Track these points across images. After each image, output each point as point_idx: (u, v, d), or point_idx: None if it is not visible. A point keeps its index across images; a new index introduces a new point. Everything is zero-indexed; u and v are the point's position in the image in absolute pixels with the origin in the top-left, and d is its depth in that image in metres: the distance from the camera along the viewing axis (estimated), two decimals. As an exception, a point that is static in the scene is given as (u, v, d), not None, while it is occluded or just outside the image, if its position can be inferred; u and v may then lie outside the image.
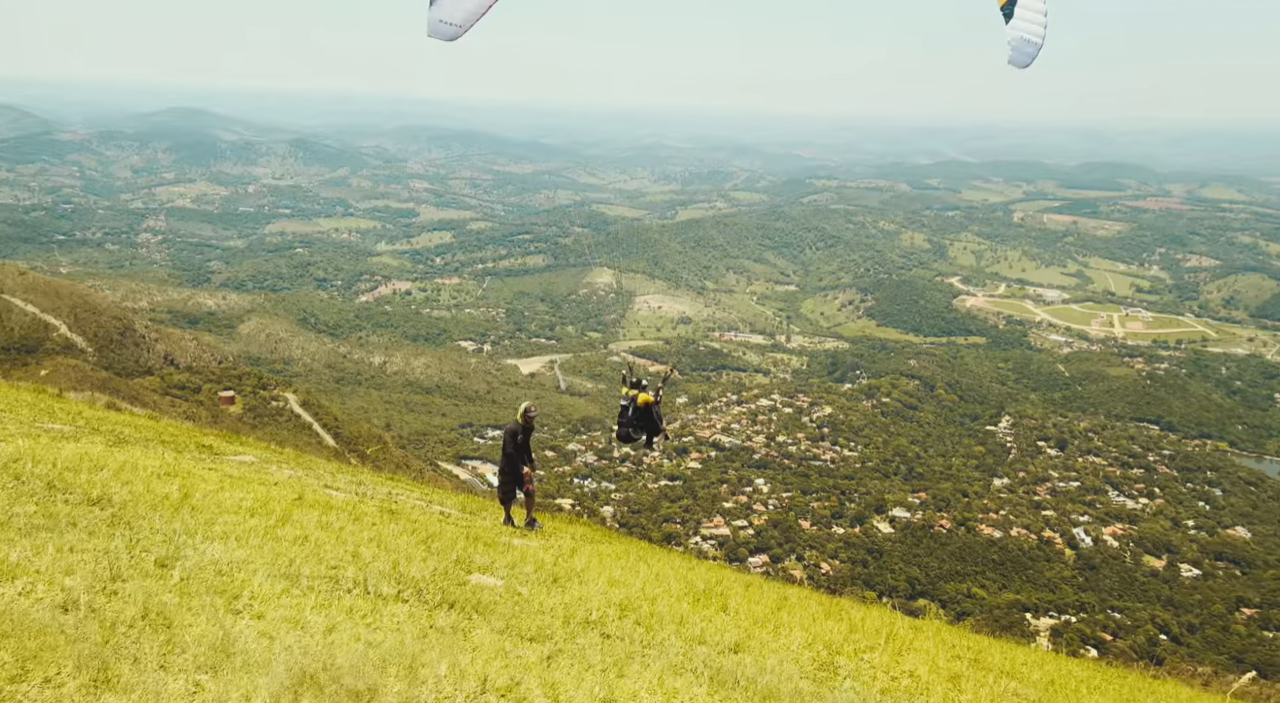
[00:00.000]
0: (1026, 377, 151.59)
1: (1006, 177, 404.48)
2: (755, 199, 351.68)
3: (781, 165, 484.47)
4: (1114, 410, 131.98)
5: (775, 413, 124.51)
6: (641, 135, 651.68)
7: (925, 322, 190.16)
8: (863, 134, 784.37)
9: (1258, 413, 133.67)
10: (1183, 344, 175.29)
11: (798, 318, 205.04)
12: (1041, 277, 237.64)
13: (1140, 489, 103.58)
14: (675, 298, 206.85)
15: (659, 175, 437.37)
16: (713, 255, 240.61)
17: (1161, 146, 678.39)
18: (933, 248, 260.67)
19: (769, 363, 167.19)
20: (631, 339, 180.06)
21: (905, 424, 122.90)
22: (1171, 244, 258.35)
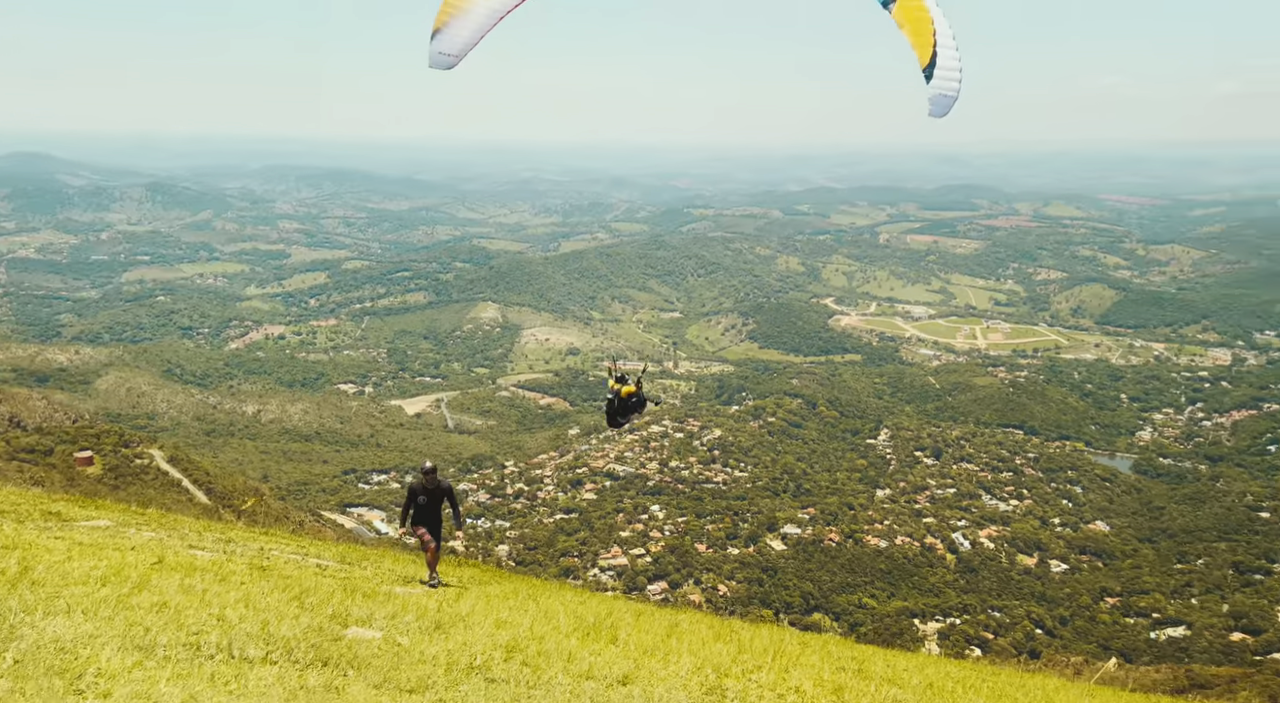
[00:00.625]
0: (901, 390, 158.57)
1: (871, 200, 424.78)
2: (636, 229, 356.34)
3: (659, 196, 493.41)
4: (982, 418, 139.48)
5: (667, 439, 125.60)
6: (519, 169, 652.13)
7: (804, 342, 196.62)
8: (736, 164, 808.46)
9: (1107, 414, 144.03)
10: (1039, 352, 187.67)
11: (684, 344, 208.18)
12: (909, 294, 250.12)
13: (1010, 492, 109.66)
14: (562, 329, 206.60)
15: (539, 208, 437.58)
16: (597, 286, 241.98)
17: (1010, 168, 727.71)
18: (807, 271, 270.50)
19: (657, 391, 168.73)
20: (520, 373, 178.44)
21: (791, 442, 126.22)
22: (1023, 259, 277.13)
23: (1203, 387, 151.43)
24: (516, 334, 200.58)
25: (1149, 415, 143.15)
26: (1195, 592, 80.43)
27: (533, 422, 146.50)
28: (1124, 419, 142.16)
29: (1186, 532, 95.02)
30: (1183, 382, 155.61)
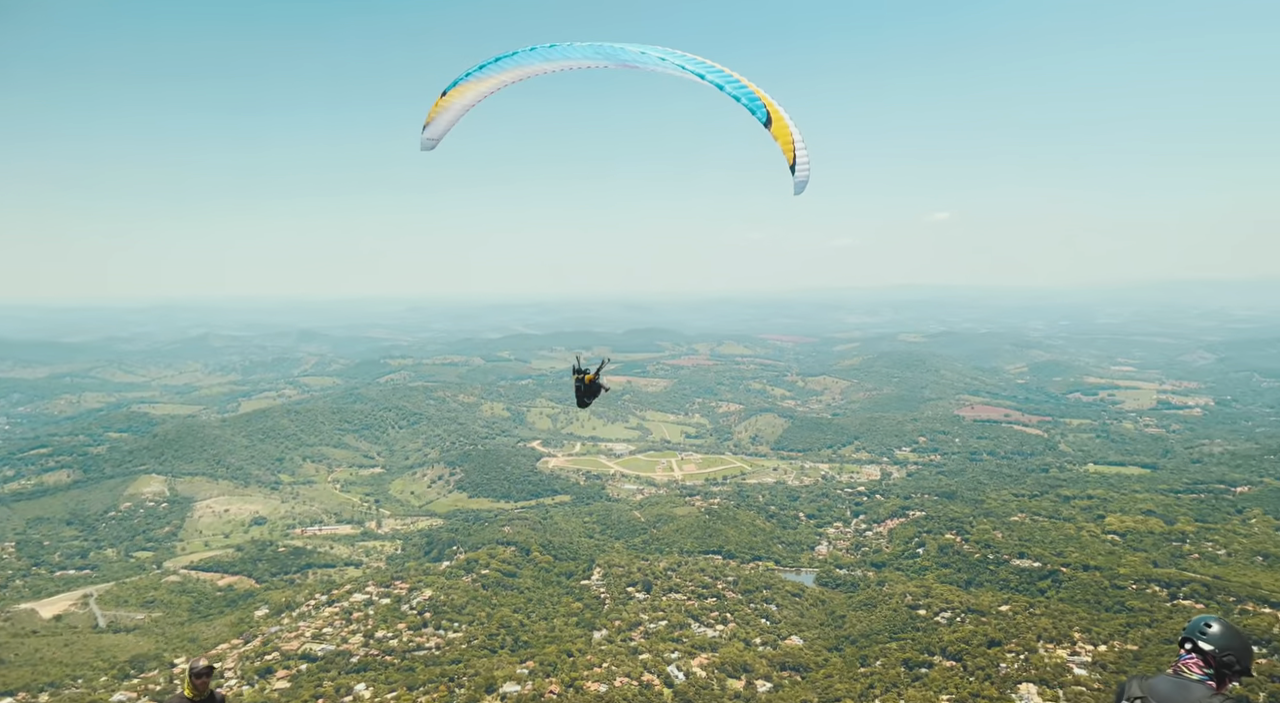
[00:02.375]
0: (610, 527, 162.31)
1: (568, 345, 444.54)
2: (329, 383, 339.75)
3: (353, 348, 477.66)
4: (685, 547, 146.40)
5: (372, 606, 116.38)
6: (188, 326, 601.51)
7: (514, 487, 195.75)
8: (432, 313, 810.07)
9: (790, 532, 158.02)
10: (728, 479, 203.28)
11: (387, 500, 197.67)
12: (610, 432, 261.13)
13: (715, 617, 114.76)
14: (245, 497, 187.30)
15: (215, 367, 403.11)
16: (285, 446, 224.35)
17: (686, 313, 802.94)
18: (512, 415, 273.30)
19: (360, 553, 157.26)
20: (194, 552, 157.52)
21: (507, 593, 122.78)
22: (706, 394, 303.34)
23: (862, 500, 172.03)
24: (188, 508, 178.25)
25: (824, 530, 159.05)
26: (877, 692, 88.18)
27: (209, 607, 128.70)
28: (804, 536, 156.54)
29: (864, 636, 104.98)
30: (846, 497, 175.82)
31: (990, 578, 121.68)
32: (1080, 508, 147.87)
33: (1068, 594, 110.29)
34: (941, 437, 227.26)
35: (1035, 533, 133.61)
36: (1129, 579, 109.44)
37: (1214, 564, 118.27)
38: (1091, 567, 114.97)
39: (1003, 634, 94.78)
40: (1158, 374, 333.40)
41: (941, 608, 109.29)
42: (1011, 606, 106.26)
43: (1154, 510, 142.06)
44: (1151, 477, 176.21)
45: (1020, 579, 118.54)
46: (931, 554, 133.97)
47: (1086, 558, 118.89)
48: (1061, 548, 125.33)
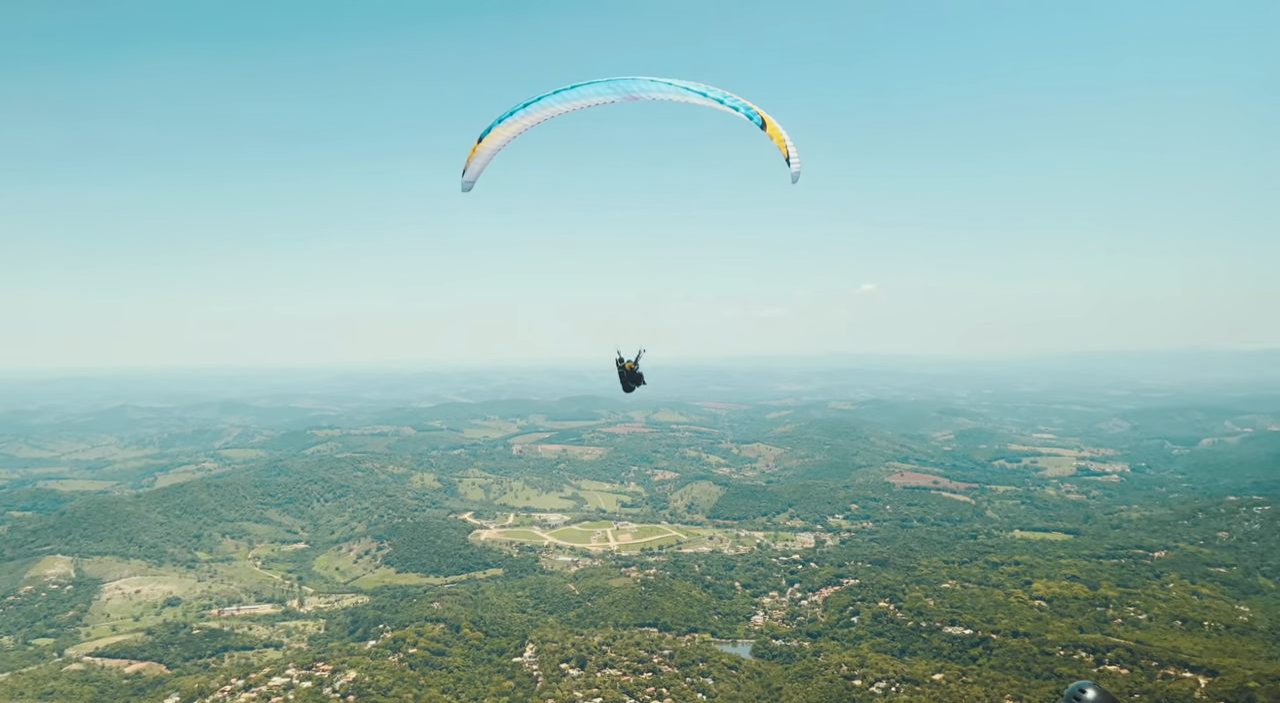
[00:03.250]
0: (543, 601, 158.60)
1: (502, 414, 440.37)
2: (252, 455, 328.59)
3: (278, 419, 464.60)
4: (620, 620, 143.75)
5: (292, 691, 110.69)
6: (102, 398, 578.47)
7: (445, 561, 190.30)
8: (361, 383, 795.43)
9: (726, 602, 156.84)
10: (663, 549, 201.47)
11: (311, 577, 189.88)
12: (544, 502, 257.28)
13: (651, 693, 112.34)
14: (158, 577, 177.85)
15: (130, 440, 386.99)
16: (204, 522, 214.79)
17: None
18: (443, 486, 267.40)
19: (281, 634, 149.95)
20: (100, 637, 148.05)
21: (435, 673, 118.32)
22: (641, 462, 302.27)
23: (797, 569, 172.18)
24: (95, 590, 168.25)
25: (760, 600, 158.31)
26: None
27: (114, 697, 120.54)
28: (740, 606, 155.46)
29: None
30: (781, 566, 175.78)
31: (923, 646, 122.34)
32: (1008, 574, 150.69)
33: (999, 661, 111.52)
34: (873, 504, 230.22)
35: (966, 600, 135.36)
36: (1057, 645, 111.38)
37: (1136, 629, 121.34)
38: (1021, 633, 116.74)
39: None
40: (1077, 441, 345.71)
41: (877, 678, 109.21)
42: (945, 674, 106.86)
43: (1078, 576, 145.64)
44: (1074, 542, 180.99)
45: (953, 647, 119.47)
46: (866, 623, 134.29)
47: (1016, 624, 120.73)
48: (992, 614, 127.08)
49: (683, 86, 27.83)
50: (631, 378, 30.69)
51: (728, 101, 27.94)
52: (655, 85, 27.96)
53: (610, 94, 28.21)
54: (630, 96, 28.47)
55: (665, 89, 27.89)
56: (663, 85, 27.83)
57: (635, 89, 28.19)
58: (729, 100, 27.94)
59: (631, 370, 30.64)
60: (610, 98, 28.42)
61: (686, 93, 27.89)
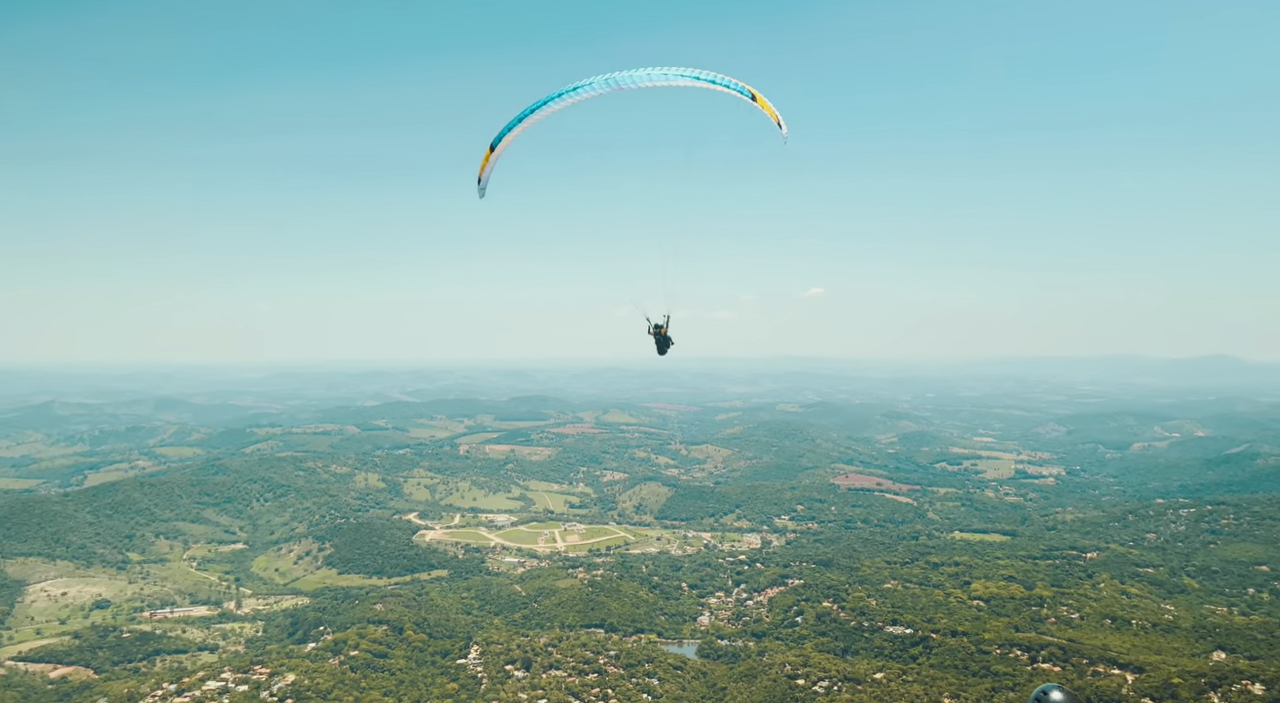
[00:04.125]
0: (489, 602, 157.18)
1: (449, 414, 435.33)
2: (189, 453, 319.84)
3: (217, 416, 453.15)
4: (567, 621, 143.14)
5: (227, 694, 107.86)
6: (28, 393, 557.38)
7: (388, 562, 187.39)
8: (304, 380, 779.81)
9: (673, 603, 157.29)
10: (611, 549, 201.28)
11: (249, 579, 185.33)
12: (491, 503, 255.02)
13: (597, 694, 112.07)
14: (87, 579, 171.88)
15: (59, 436, 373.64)
16: (136, 522, 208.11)
17: (571, 381, 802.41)
18: (388, 486, 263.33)
19: (216, 637, 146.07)
20: (23, 641, 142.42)
21: (377, 675, 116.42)
22: (591, 463, 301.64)
23: (743, 569, 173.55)
24: (19, 592, 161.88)
25: (706, 600, 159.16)
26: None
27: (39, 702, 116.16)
28: (687, 606, 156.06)
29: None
30: (728, 566, 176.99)
31: (866, 645, 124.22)
32: (948, 575, 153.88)
33: (938, 660, 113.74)
34: (818, 505, 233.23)
35: (907, 600, 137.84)
36: (994, 644, 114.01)
37: (1069, 628, 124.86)
38: (959, 633, 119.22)
39: (878, 702, 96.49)
40: (1015, 445, 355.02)
41: (820, 677, 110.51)
42: (886, 673, 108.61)
43: (1014, 576, 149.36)
44: (1012, 544, 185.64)
45: (894, 646, 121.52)
46: (810, 623, 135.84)
47: (955, 624, 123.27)
48: (932, 614, 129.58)
49: (674, 73, 29.47)
50: (664, 341, 33.16)
51: (719, 81, 29.77)
52: (644, 75, 29.54)
53: (603, 88, 29.83)
54: (619, 88, 29.92)
55: (654, 78, 29.53)
56: (652, 74, 29.48)
57: (624, 81, 29.68)
58: (720, 80, 29.79)
59: (665, 334, 33.07)
60: (603, 92, 30.04)
61: (677, 78, 29.58)
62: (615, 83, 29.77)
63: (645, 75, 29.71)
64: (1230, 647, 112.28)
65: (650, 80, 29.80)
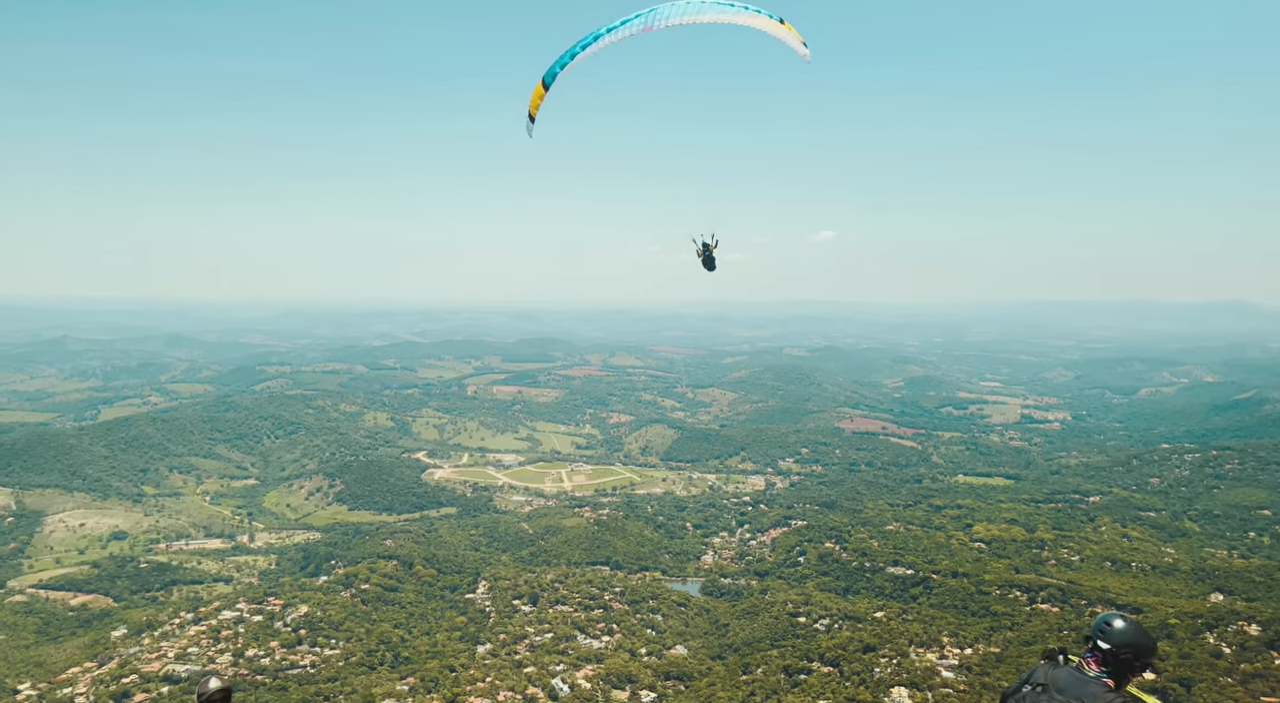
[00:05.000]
0: (497, 539, 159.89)
1: (457, 355, 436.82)
2: (200, 390, 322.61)
3: (226, 354, 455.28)
4: (573, 558, 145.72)
5: (243, 624, 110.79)
6: (41, 328, 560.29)
7: (397, 499, 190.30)
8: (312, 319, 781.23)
9: (678, 542, 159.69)
10: (617, 490, 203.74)
11: (261, 514, 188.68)
12: (499, 443, 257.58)
13: (602, 628, 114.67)
14: (104, 510, 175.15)
15: (72, 371, 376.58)
16: (150, 456, 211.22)
17: (578, 323, 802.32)
18: (397, 426, 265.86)
19: (231, 569, 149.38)
20: (44, 570, 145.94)
21: (387, 608, 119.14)
22: (597, 405, 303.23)
23: (746, 510, 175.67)
24: (38, 522, 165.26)
25: (710, 540, 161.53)
26: (758, 699, 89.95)
27: (60, 629, 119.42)
28: (691, 546, 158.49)
29: (747, 644, 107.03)
30: (732, 507, 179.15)
31: (867, 585, 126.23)
32: (950, 517, 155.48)
33: (938, 600, 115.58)
34: (823, 448, 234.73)
35: (909, 541, 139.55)
36: (994, 585, 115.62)
37: (1069, 570, 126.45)
38: (960, 574, 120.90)
39: (877, 640, 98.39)
40: (1022, 390, 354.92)
41: (821, 615, 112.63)
42: (886, 612, 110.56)
43: (1016, 519, 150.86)
44: (1015, 487, 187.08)
45: (895, 586, 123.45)
46: (812, 563, 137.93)
47: (956, 565, 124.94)
48: (933, 556, 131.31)
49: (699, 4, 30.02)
50: (710, 260, 35.77)
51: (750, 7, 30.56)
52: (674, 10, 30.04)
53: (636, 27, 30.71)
54: (648, 28, 30.61)
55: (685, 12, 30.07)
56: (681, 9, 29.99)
57: (653, 20, 30.33)
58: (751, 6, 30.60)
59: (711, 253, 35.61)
60: (634, 32, 30.94)
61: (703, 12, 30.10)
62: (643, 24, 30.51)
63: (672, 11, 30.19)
64: (1229, 589, 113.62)
65: (677, 17, 30.22)
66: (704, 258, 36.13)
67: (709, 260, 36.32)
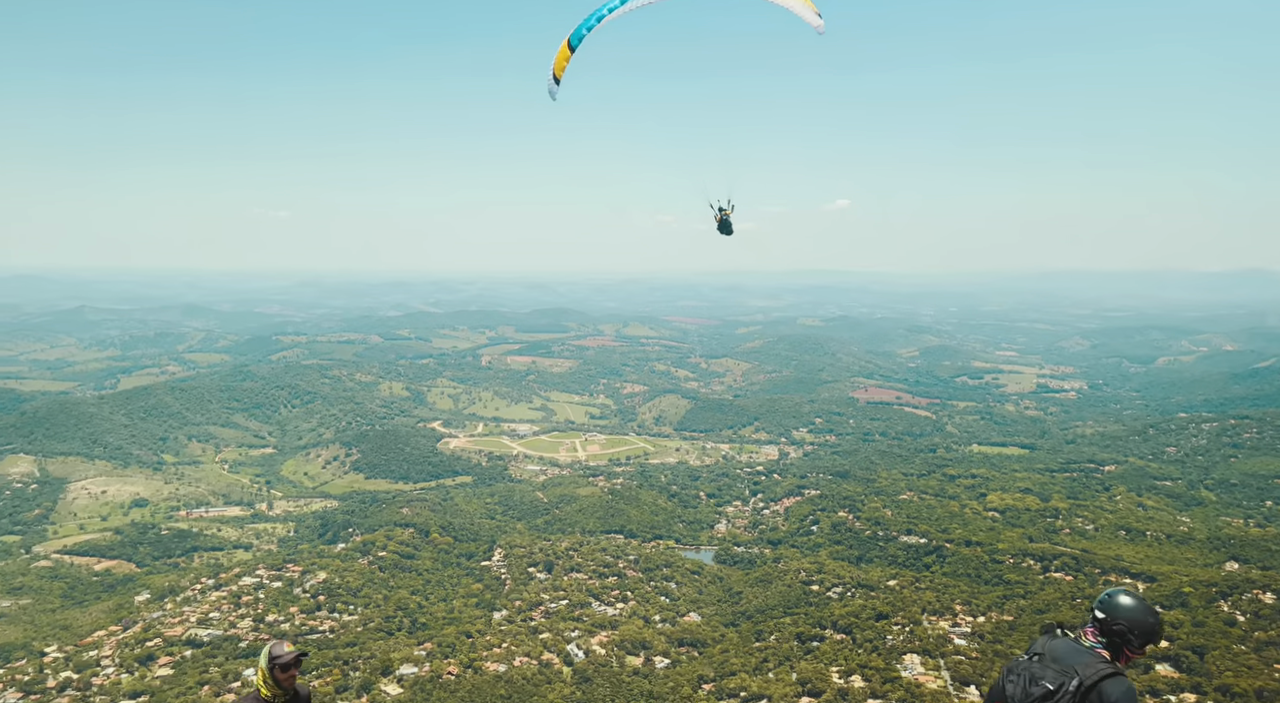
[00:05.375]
0: (512, 508, 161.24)
1: (471, 325, 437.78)
2: (216, 360, 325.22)
3: (242, 323, 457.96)
4: (587, 527, 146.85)
5: (263, 590, 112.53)
6: (59, 299, 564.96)
7: (414, 468, 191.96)
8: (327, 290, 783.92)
9: (691, 511, 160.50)
10: (631, 459, 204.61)
11: (279, 482, 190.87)
12: (513, 413, 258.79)
13: (616, 595, 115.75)
14: (125, 478, 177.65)
15: (91, 341, 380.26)
16: (169, 425, 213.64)
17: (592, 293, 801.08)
18: (412, 395, 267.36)
19: (250, 536, 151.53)
20: (67, 536, 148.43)
21: (405, 575, 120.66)
22: (611, 375, 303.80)
23: (760, 480, 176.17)
24: (61, 489, 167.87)
25: (723, 509, 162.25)
26: (771, 665, 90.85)
27: (85, 593, 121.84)
28: (704, 515, 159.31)
29: (760, 611, 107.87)
30: (745, 477, 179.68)
31: (880, 554, 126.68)
32: (964, 487, 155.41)
33: (951, 569, 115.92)
34: (837, 418, 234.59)
35: (922, 511, 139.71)
36: (1007, 554, 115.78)
37: (1083, 539, 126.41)
38: (973, 542, 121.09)
39: (890, 608, 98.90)
40: (1038, 359, 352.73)
41: (833, 583, 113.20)
42: (899, 580, 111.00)
43: (1031, 489, 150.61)
44: (1030, 457, 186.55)
45: (907, 555, 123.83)
46: (825, 532, 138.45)
47: (969, 534, 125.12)
48: (946, 525, 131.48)
49: None
50: (726, 224, 36.21)
51: None
52: None
53: None
54: None
55: None
56: None
57: None
58: None
59: (727, 218, 36.03)
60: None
61: None
62: None
63: None
64: (1244, 557, 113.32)
65: None
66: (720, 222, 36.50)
67: (725, 224, 36.66)
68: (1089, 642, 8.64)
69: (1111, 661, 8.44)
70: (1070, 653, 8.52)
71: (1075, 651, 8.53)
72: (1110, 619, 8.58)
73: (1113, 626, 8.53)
